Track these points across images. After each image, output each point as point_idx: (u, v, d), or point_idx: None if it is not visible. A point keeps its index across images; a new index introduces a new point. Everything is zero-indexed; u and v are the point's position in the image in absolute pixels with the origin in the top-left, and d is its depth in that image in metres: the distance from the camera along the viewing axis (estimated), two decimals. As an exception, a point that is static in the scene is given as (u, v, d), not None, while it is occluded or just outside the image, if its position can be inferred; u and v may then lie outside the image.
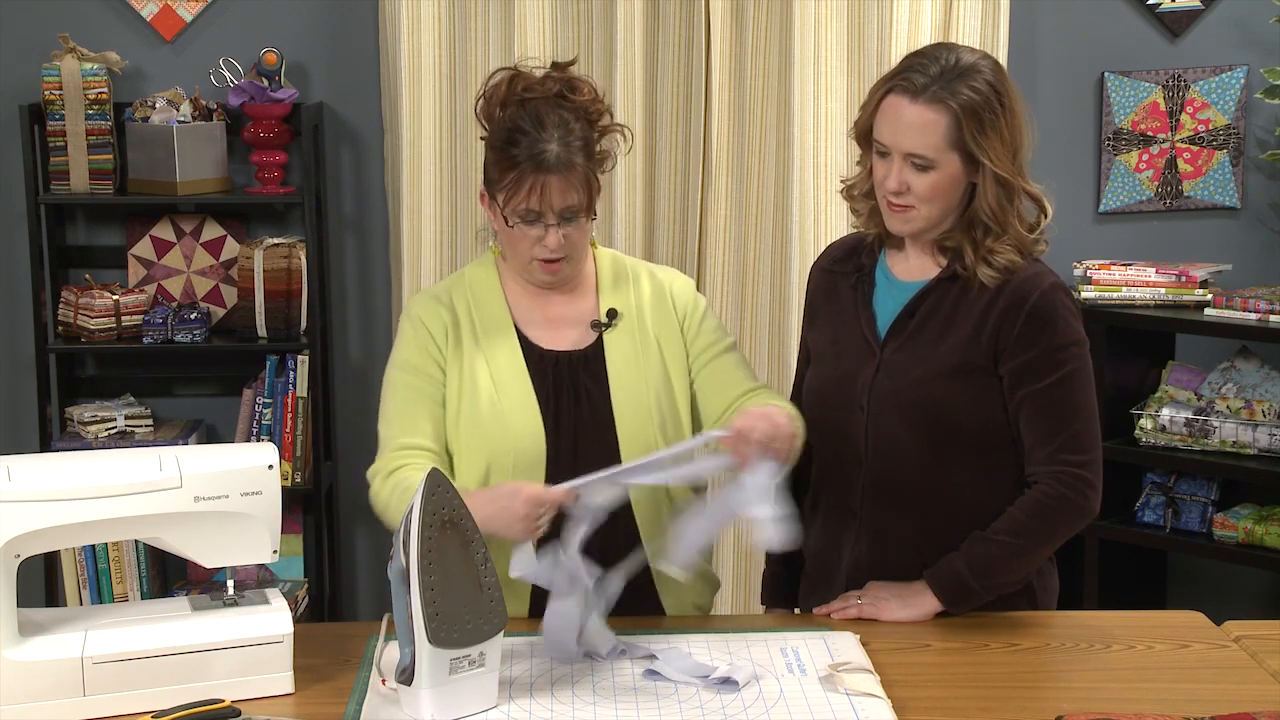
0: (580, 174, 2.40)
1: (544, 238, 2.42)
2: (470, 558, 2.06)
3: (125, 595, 4.19)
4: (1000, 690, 2.19)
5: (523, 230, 2.42)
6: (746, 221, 4.24)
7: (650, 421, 2.48)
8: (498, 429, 2.45)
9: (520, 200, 2.39)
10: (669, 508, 2.48)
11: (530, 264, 2.47)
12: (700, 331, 2.56)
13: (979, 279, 2.44)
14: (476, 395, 2.47)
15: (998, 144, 2.39)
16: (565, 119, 2.41)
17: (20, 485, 2.05)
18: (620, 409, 2.48)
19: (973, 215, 2.44)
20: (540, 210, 2.40)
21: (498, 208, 2.44)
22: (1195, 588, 4.46)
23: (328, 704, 2.13)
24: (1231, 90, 4.34)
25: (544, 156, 2.37)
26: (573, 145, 2.40)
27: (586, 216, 2.45)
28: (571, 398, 2.48)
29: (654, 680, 2.19)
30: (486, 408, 2.46)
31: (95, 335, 4.15)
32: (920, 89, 2.39)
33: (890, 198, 2.45)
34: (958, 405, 2.44)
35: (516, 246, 2.46)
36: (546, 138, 2.38)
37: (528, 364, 2.49)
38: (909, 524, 2.49)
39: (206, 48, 4.28)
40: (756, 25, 4.17)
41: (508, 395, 2.46)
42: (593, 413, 2.48)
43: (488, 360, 2.48)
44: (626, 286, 2.56)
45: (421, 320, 2.52)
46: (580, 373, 2.50)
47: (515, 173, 2.38)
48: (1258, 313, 3.95)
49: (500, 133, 2.42)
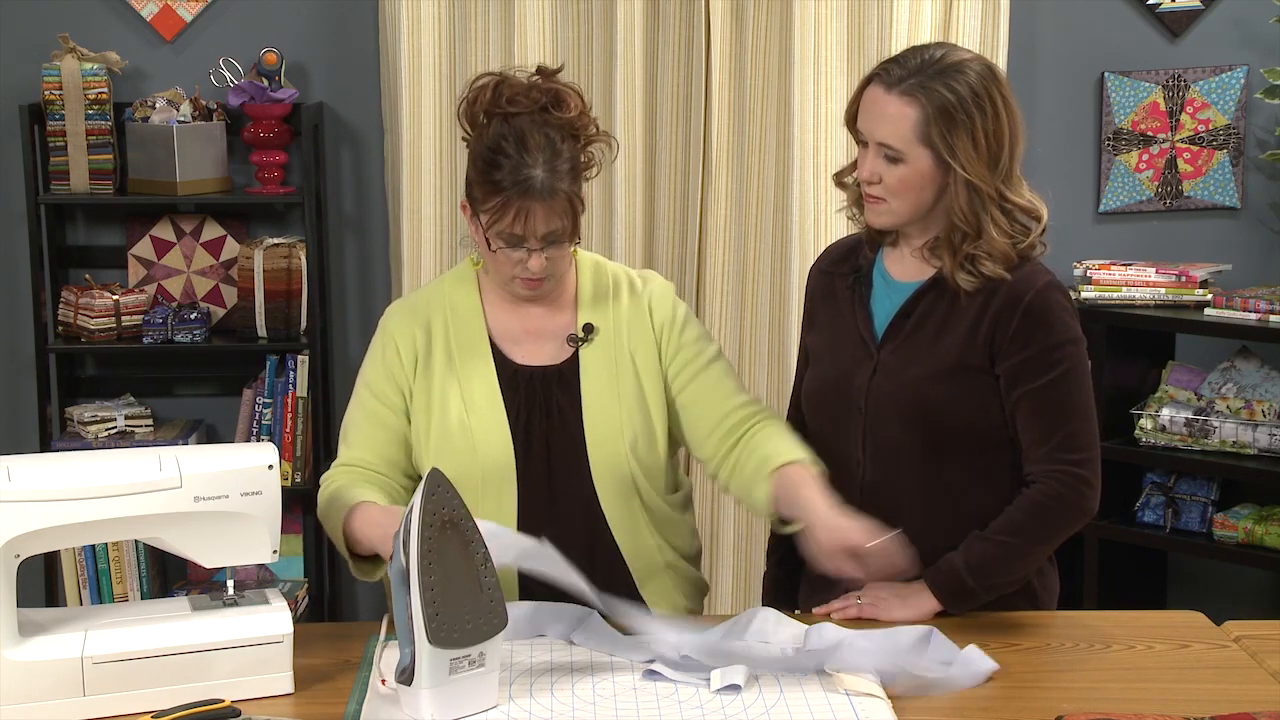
0: (564, 200, 2.38)
1: (526, 260, 2.41)
2: (470, 558, 2.06)
3: (125, 595, 4.19)
4: (1000, 690, 2.19)
5: (505, 253, 2.41)
6: (746, 221, 4.24)
7: (621, 440, 2.47)
8: (466, 446, 2.45)
9: (505, 225, 2.38)
10: (643, 514, 2.49)
11: (512, 281, 2.46)
12: (682, 345, 2.54)
13: (957, 282, 2.43)
14: (446, 413, 2.47)
15: (969, 147, 2.38)
16: (551, 139, 2.38)
17: (20, 485, 2.05)
18: (592, 427, 2.47)
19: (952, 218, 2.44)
20: (524, 235, 2.39)
21: (479, 226, 2.42)
22: (1195, 588, 4.46)
23: (328, 704, 2.13)
24: (1231, 90, 4.34)
25: (529, 184, 2.35)
26: (558, 170, 2.37)
27: (570, 241, 2.44)
28: (543, 414, 2.48)
29: (653, 680, 2.19)
30: (455, 425, 2.46)
31: (95, 335, 4.16)
32: (896, 80, 2.39)
33: (865, 187, 2.45)
34: (955, 405, 2.44)
35: (498, 266, 2.45)
36: (531, 162, 2.35)
37: (501, 380, 2.48)
38: (908, 524, 2.48)
39: (206, 48, 4.28)
40: (756, 25, 4.17)
41: (477, 413, 2.46)
42: (564, 429, 2.47)
43: (460, 379, 2.48)
44: (606, 300, 2.54)
45: (394, 339, 2.52)
46: (554, 388, 2.49)
47: (499, 198, 2.36)
48: (1258, 313, 3.95)
49: (483, 152, 2.39)
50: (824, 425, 2.57)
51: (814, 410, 2.59)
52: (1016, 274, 2.43)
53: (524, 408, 2.48)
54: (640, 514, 2.50)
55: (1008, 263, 2.43)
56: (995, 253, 2.42)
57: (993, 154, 2.40)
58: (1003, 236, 2.42)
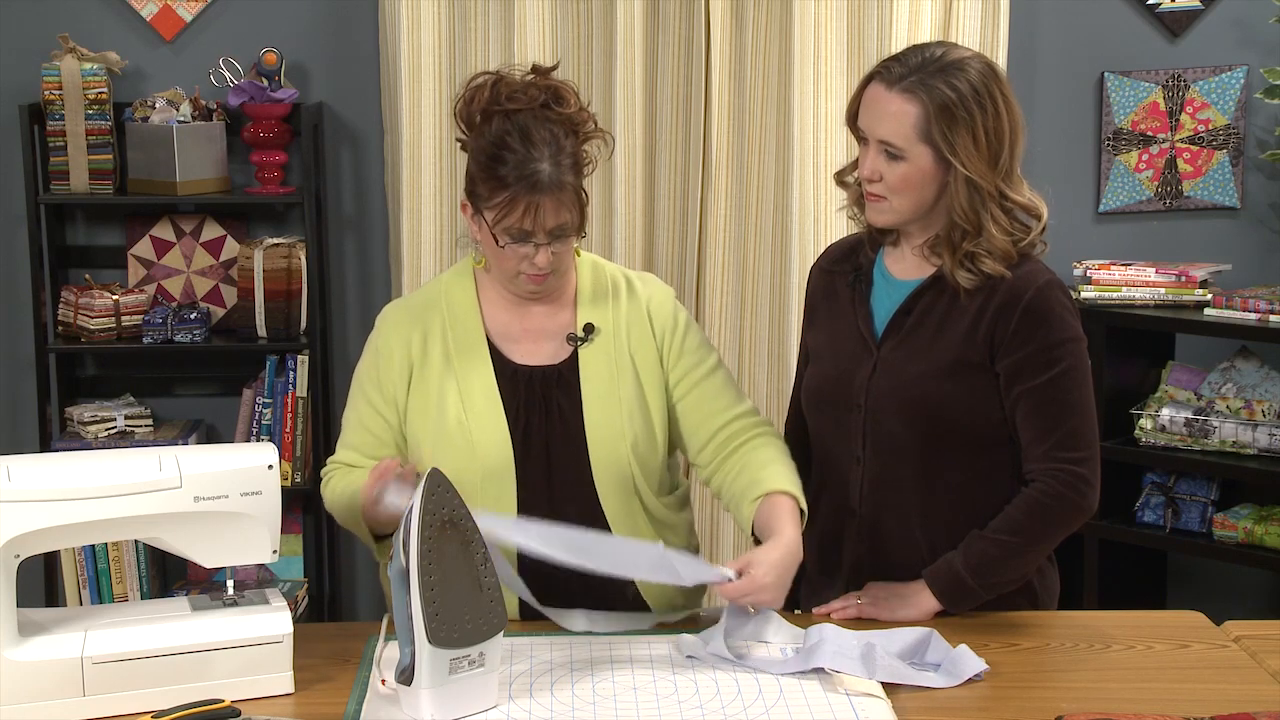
0: (571, 193, 2.39)
1: (533, 256, 2.41)
2: (470, 558, 2.06)
3: (125, 595, 4.19)
4: (1000, 690, 2.19)
5: (513, 249, 2.41)
6: (746, 221, 4.24)
7: (623, 440, 2.47)
8: (464, 445, 2.45)
9: (514, 221, 2.37)
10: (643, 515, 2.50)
11: (517, 278, 2.45)
12: (683, 353, 2.54)
13: (956, 280, 2.43)
14: (444, 413, 2.47)
15: (969, 144, 2.38)
16: (555, 134, 2.38)
17: (20, 485, 2.05)
18: (592, 426, 2.47)
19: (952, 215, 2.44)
20: (532, 230, 2.38)
21: (484, 223, 2.42)
22: (1195, 588, 4.46)
23: (328, 704, 2.13)
24: (1231, 90, 4.34)
25: (537, 177, 2.35)
26: (563, 164, 2.38)
27: (577, 235, 2.44)
28: (542, 413, 2.47)
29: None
30: (454, 425, 2.46)
31: (95, 335, 4.15)
32: (897, 78, 2.40)
33: (865, 185, 2.45)
34: (954, 403, 2.44)
35: (504, 263, 2.44)
36: (537, 156, 2.35)
37: (500, 380, 2.48)
38: (908, 523, 2.49)
39: (206, 48, 4.28)
40: (756, 25, 4.17)
41: (475, 413, 2.46)
42: (564, 429, 2.47)
43: (458, 379, 2.48)
44: (605, 301, 2.54)
45: (389, 342, 2.52)
46: (554, 388, 2.49)
47: (507, 193, 2.36)
48: (1258, 313, 3.95)
49: (485, 147, 2.39)
50: (824, 423, 2.57)
51: (814, 408, 2.60)
52: (1017, 272, 2.43)
53: (523, 408, 2.47)
54: (640, 514, 2.50)
55: (1008, 260, 2.43)
56: (995, 250, 2.42)
57: (993, 152, 2.40)
58: (1003, 234, 2.42)
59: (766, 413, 4.26)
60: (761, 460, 2.49)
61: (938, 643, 2.27)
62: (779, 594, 2.31)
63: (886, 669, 2.19)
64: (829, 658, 2.20)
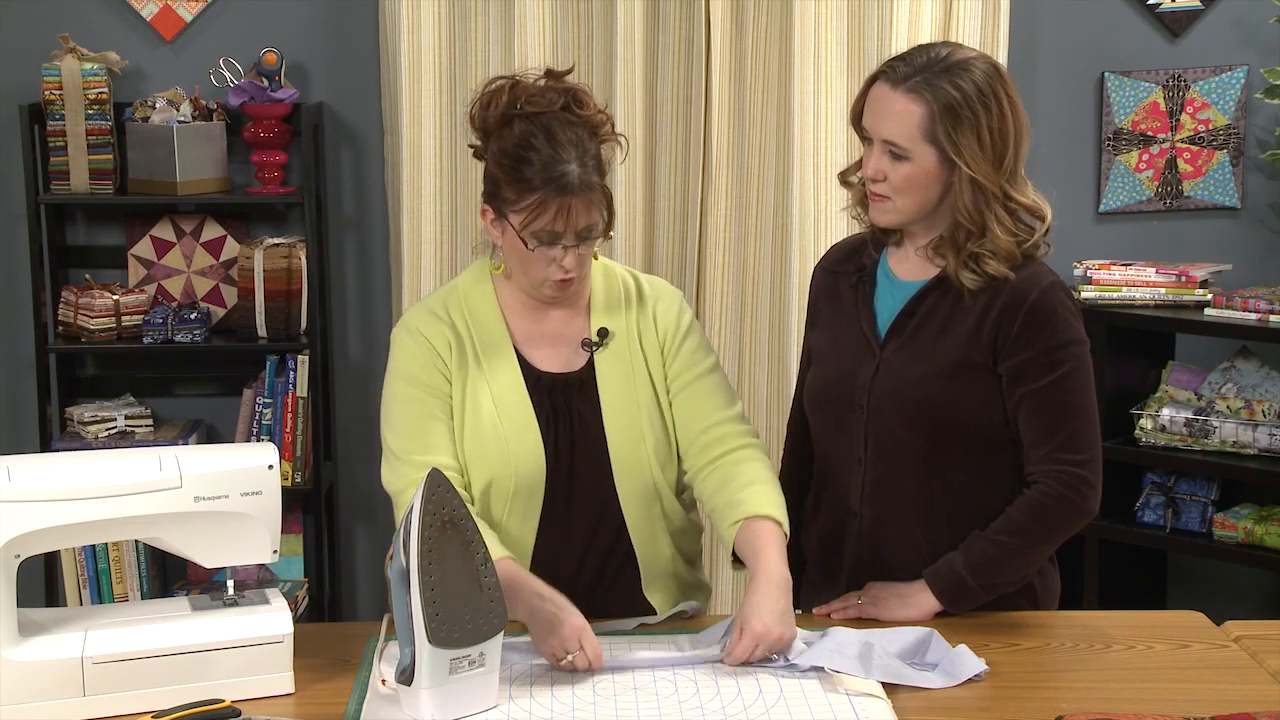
0: (599, 193, 2.36)
1: (562, 259, 2.37)
2: (470, 558, 2.06)
3: (125, 595, 4.19)
4: (1000, 690, 2.19)
5: (541, 251, 2.37)
6: (746, 221, 4.24)
7: (643, 444, 2.46)
8: (500, 452, 2.42)
9: (544, 223, 2.33)
10: (662, 521, 2.49)
11: (543, 283, 2.42)
12: (679, 353, 2.52)
13: (960, 281, 2.43)
14: (479, 416, 2.44)
15: (974, 145, 2.37)
16: (579, 135, 2.36)
17: (20, 485, 2.05)
18: (613, 432, 2.46)
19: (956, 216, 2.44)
20: (562, 232, 2.35)
21: (509, 227, 2.38)
22: (1195, 588, 4.46)
23: (328, 704, 2.13)
24: (1231, 90, 4.34)
25: (566, 179, 2.31)
26: (589, 165, 2.35)
27: (605, 235, 2.41)
28: (567, 421, 2.46)
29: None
30: (489, 430, 2.43)
31: (95, 335, 4.16)
32: (902, 78, 2.40)
33: (869, 185, 2.45)
34: (957, 404, 2.44)
35: (531, 267, 2.40)
36: (565, 157, 2.32)
37: (527, 385, 2.46)
38: (909, 523, 2.49)
39: (206, 48, 4.28)
40: (756, 25, 4.17)
41: (510, 419, 2.44)
42: (586, 436, 2.46)
43: (489, 381, 2.45)
44: (618, 305, 2.52)
45: (424, 335, 2.46)
46: (574, 396, 2.47)
47: (536, 195, 2.32)
48: (1258, 313, 3.95)
49: (510, 150, 2.35)
50: (826, 424, 2.57)
51: (816, 409, 2.59)
52: (1020, 274, 2.43)
53: (551, 416, 2.45)
54: (659, 520, 2.49)
55: (1012, 261, 2.42)
56: (999, 251, 2.42)
57: (997, 152, 2.40)
58: (1007, 235, 2.42)
59: (766, 413, 4.30)
60: (745, 479, 2.45)
61: (938, 643, 2.27)
62: (786, 628, 2.25)
63: (886, 669, 2.19)
64: (828, 657, 2.20)
